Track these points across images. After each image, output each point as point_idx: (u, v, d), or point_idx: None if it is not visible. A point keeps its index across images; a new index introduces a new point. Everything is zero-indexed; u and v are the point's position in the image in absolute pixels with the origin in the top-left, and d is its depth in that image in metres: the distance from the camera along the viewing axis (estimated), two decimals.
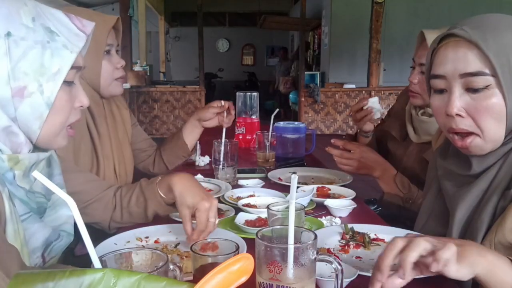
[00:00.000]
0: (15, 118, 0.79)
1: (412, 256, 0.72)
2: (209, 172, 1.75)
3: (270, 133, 1.93)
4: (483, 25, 0.88)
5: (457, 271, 0.72)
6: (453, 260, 0.72)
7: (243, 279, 0.50)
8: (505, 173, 0.91)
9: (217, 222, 1.02)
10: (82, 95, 0.88)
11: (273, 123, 1.99)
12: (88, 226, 0.99)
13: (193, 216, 1.02)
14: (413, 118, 1.56)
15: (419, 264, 0.75)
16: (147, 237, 1.10)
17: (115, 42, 1.44)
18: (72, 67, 0.81)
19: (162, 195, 1.08)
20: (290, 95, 9.12)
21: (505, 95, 0.86)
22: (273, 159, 1.93)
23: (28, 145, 0.83)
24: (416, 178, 1.47)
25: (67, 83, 0.82)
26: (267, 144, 1.91)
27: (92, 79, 1.38)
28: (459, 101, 0.90)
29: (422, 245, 0.73)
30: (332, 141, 1.55)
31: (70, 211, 0.93)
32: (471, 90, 0.89)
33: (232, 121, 1.71)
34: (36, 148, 0.86)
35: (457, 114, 0.90)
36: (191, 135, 1.69)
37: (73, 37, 0.82)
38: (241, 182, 1.59)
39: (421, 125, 1.53)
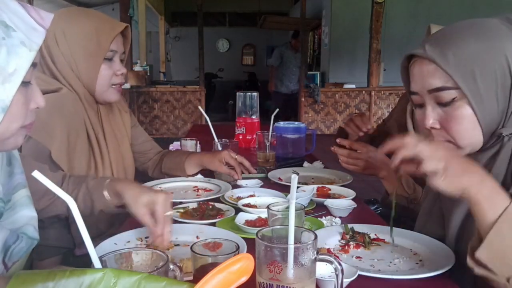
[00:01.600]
0: None
1: (401, 155, 0.85)
2: (209, 172, 1.75)
3: (270, 133, 1.93)
4: (444, 40, 0.92)
5: (440, 185, 0.81)
6: (439, 174, 0.80)
7: (243, 279, 0.50)
8: (496, 175, 0.92)
9: (171, 213, 1.05)
10: (38, 95, 0.79)
11: (273, 123, 1.99)
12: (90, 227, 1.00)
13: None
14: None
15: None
16: (147, 237, 1.09)
17: (121, 49, 1.42)
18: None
19: (110, 198, 1.11)
20: None
21: (472, 105, 0.89)
22: (273, 159, 1.93)
23: None
24: (418, 179, 1.47)
25: (24, 83, 0.74)
26: (267, 144, 1.91)
27: (88, 82, 1.37)
28: (432, 115, 0.95)
29: (411, 149, 0.83)
30: (338, 140, 1.54)
31: (33, 211, 0.90)
32: (441, 103, 0.93)
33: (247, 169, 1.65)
34: None
35: (432, 127, 0.95)
36: (191, 169, 1.66)
37: (31, 32, 0.72)
38: (239, 182, 1.59)
39: None
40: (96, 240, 0.89)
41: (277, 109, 2.21)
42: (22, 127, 0.78)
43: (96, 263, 0.62)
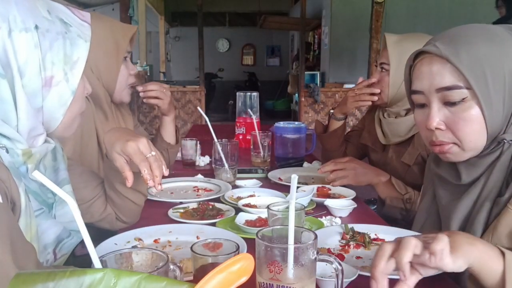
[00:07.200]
0: (40, 108, 0.81)
1: (406, 255, 0.68)
2: (209, 172, 1.75)
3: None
4: (456, 39, 0.90)
5: (453, 262, 0.69)
6: (447, 251, 0.68)
7: (243, 279, 0.50)
8: (495, 182, 0.92)
9: (154, 154, 0.98)
10: (87, 82, 0.92)
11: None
12: (91, 226, 1.00)
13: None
14: (381, 122, 1.59)
15: (414, 266, 0.71)
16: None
17: (130, 49, 1.47)
18: None
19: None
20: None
21: (482, 106, 0.88)
22: (269, 160, 1.92)
23: (44, 136, 0.85)
24: (403, 181, 1.48)
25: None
26: (265, 144, 1.89)
27: (109, 82, 1.40)
28: (437, 115, 0.92)
29: (413, 243, 0.69)
30: (319, 171, 1.52)
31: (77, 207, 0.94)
32: (448, 103, 0.91)
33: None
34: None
35: (436, 128, 0.93)
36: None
37: (81, 27, 0.86)
38: (238, 182, 1.59)
39: (389, 127, 1.57)
40: (96, 240, 0.89)
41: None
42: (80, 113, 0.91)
43: (96, 263, 0.62)
